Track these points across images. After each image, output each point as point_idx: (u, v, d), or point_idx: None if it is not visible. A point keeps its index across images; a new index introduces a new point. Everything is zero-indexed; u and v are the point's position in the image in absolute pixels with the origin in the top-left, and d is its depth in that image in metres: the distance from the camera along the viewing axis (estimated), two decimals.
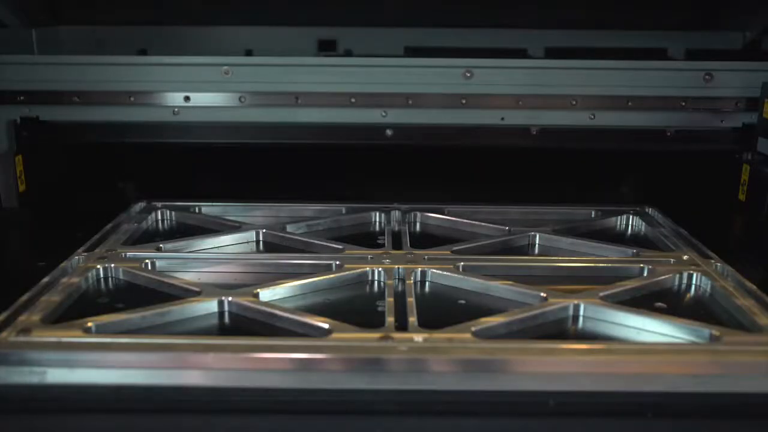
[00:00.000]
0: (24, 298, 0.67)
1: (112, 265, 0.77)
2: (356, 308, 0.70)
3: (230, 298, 0.68)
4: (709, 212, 0.78)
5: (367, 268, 0.77)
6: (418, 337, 0.60)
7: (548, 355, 0.58)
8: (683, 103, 1.06)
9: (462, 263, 0.77)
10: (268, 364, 0.57)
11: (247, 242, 0.89)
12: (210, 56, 1.09)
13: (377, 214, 0.99)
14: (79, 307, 0.69)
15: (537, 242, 0.90)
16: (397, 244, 0.85)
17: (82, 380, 0.57)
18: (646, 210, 1.00)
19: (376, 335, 0.60)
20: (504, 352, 0.58)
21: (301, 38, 1.25)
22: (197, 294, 0.69)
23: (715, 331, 0.62)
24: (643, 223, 0.96)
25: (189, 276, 0.77)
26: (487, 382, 0.57)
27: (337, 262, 0.78)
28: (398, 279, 0.76)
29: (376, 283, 0.76)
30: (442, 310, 0.70)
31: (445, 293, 0.75)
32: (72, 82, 1.08)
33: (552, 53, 1.23)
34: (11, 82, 1.07)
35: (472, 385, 0.57)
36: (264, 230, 0.90)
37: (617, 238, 0.92)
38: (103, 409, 0.56)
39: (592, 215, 1.00)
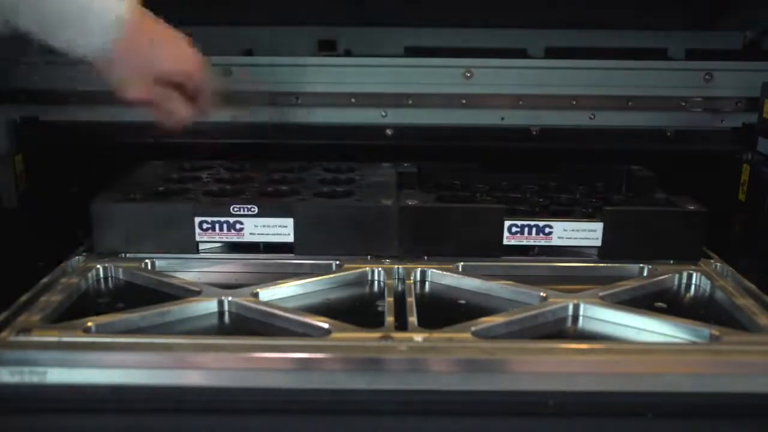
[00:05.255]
0: (24, 298, 0.67)
1: (112, 264, 0.77)
2: (356, 308, 0.70)
3: (230, 298, 0.68)
4: (709, 212, 0.78)
5: (367, 268, 0.77)
6: (418, 337, 0.60)
7: (548, 355, 0.58)
8: (683, 103, 1.06)
9: (462, 263, 0.77)
10: (268, 364, 0.57)
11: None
12: (210, 56, 1.09)
13: None
14: (79, 307, 0.69)
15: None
16: None
17: (82, 380, 0.57)
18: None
19: (375, 335, 0.60)
20: (504, 352, 0.58)
21: (301, 38, 1.25)
22: (197, 294, 0.69)
23: (715, 331, 0.62)
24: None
25: (189, 276, 0.77)
26: (487, 382, 0.57)
27: (337, 262, 0.78)
28: (398, 279, 0.76)
29: (375, 283, 0.76)
30: (442, 310, 0.70)
31: (445, 293, 0.75)
32: (72, 82, 1.08)
33: (552, 53, 1.23)
34: (11, 82, 1.07)
35: (472, 385, 0.57)
36: None
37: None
38: (103, 409, 0.56)
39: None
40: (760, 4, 1.17)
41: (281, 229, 0.78)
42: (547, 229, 0.78)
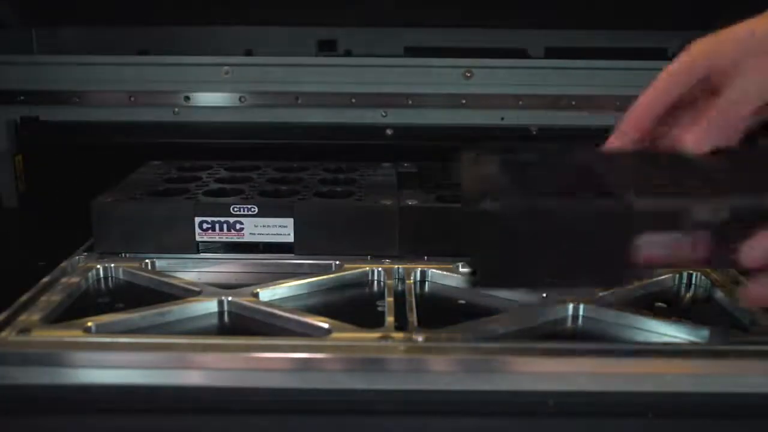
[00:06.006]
0: (24, 298, 0.67)
1: (112, 264, 0.77)
2: (356, 308, 0.70)
3: (230, 298, 0.68)
4: None
5: (367, 268, 0.77)
6: (418, 337, 0.60)
7: (548, 355, 0.58)
8: None
9: (462, 263, 0.77)
10: (268, 364, 0.57)
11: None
12: (210, 56, 1.09)
13: None
14: (79, 307, 0.69)
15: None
16: None
17: (82, 380, 0.57)
18: None
19: (375, 335, 0.60)
20: (504, 352, 0.58)
21: (301, 38, 1.25)
22: (197, 294, 0.69)
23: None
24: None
25: (189, 276, 0.77)
26: (487, 382, 0.57)
27: (337, 262, 0.78)
28: (398, 279, 0.76)
29: (375, 282, 0.76)
30: (442, 310, 0.70)
31: (445, 293, 0.75)
32: (72, 82, 1.08)
33: (552, 53, 1.23)
34: (11, 82, 1.08)
35: (472, 385, 0.57)
36: None
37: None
38: (103, 409, 0.56)
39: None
40: (760, 4, 1.17)
41: (281, 229, 0.78)
42: None
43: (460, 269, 0.76)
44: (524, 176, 0.56)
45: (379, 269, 0.76)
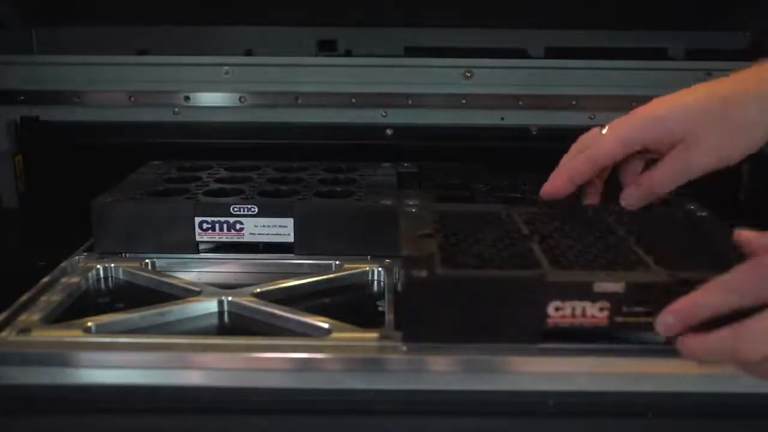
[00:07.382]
0: (24, 298, 0.67)
1: (112, 264, 0.77)
2: (356, 308, 0.70)
3: (230, 298, 0.68)
4: (709, 212, 0.78)
5: (367, 268, 0.77)
6: None
7: (548, 355, 0.58)
8: None
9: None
10: (268, 364, 0.57)
11: None
12: (210, 56, 1.09)
13: None
14: (79, 307, 0.69)
15: None
16: None
17: (82, 380, 0.57)
18: None
19: (375, 335, 0.60)
20: (504, 351, 0.58)
21: (301, 38, 1.25)
22: (197, 294, 0.69)
23: None
24: None
25: (189, 276, 0.77)
26: (487, 382, 0.57)
27: (337, 262, 0.78)
28: (398, 279, 0.75)
29: (375, 282, 0.76)
30: None
31: None
32: (72, 82, 1.08)
33: (552, 53, 1.23)
34: (11, 82, 1.08)
35: (472, 385, 0.57)
36: None
37: None
38: (103, 409, 0.56)
39: None
40: (761, 4, 1.17)
41: (281, 229, 0.78)
42: None
43: None
44: (455, 238, 0.62)
45: (379, 269, 0.76)
